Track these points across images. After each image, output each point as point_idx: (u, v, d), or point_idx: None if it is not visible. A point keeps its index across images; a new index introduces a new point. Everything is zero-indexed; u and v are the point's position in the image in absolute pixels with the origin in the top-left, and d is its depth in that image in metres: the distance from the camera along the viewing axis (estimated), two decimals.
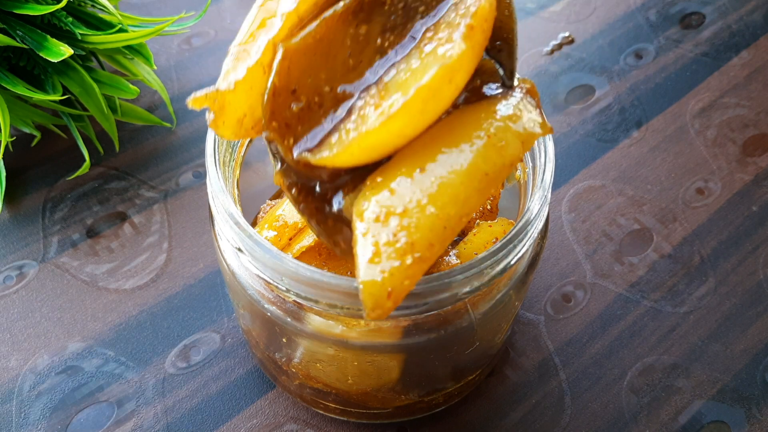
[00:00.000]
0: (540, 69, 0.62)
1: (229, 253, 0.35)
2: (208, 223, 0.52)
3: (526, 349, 0.47)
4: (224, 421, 0.44)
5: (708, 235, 0.53)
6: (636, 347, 0.47)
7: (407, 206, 0.26)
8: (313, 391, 0.41)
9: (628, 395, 0.45)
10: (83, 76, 0.49)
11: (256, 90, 0.28)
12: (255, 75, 0.28)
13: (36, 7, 0.46)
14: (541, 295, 0.49)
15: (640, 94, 0.61)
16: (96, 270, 0.50)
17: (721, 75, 0.62)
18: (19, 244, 0.51)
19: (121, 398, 0.44)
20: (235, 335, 0.47)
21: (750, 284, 0.50)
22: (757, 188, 0.55)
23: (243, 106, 0.29)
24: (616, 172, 0.56)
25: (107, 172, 0.54)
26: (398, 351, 0.36)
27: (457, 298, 0.32)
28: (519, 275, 0.36)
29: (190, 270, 0.50)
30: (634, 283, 0.50)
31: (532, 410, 0.45)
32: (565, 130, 0.58)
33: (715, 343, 0.48)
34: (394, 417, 0.43)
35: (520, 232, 0.32)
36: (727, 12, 0.67)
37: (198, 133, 0.57)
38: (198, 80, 0.60)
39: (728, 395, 0.46)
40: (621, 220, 0.53)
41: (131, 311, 0.48)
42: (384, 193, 0.26)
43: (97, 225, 0.52)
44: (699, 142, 0.58)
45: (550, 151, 0.35)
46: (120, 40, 0.49)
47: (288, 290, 0.32)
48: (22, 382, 0.45)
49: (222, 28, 0.63)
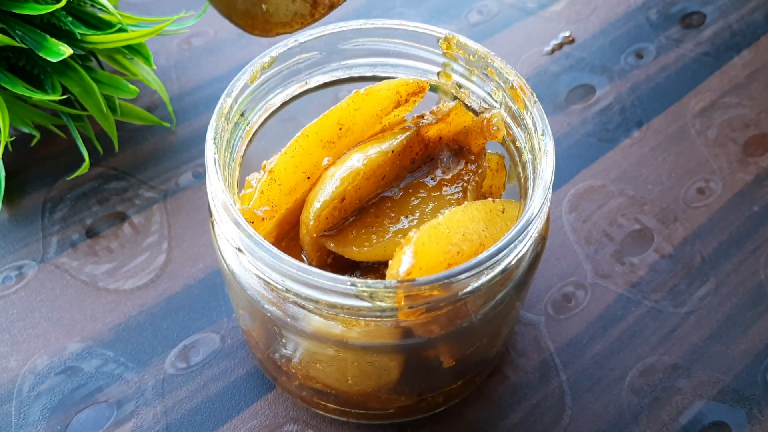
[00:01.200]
0: (540, 69, 0.62)
1: (228, 253, 0.35)
2: (207, 223, 0.51)
3: (527, 349, 0.47)
4: (224, 422, 0.44)
5: (709, 236, 0.52)
6: (637, 347, 0.47)
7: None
8: (312, 391, 0.41)
9: (628, 396, 0.45)
10: (83, 75, 0.49)
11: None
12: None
13: (35, 7, 0.46)
14: (542, 296, 0.49)
15: (641, 93, 0.61)
16: (95, 270, 0.50)
17: (722, 75, 0.62)
18: (19, 244, 0.51)
19: (120, 399, 0.44)
20: (234, 336, 0.47)
21: (751, 284, 0.50)
22: (758, 188, 0.55)
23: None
24: (616, 172, 0.56)
25: (107, 172, 0.54)
26: (398, 351, 0.36)
27: (457, 298, 0.32)
28: (519, 275, 0.36)
29: (189, 270, 0.50)
30: (634, 283, 0.50)
31: (532, 411, 0.45)
32: (566, 129, 0.58)
33: (716, 344, 0.48)
34: (394, 417, 0.43)
35: (520, 233, 0.32)
36: (727, 11, 0.67)
37: (198, 133, 0.57)
38: (197, 80, 0.60)
39: (729, 396, 0.46)
40: (622, 220, 0.53)
41: (131, 312, 0.48)
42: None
43: (97, 225, 0.52)
44: (700, 141, 0.58)
45: (550, 151, 0.34)
46: (119, 39, 0.49)
47: (288, 290, 0.32)
48: (21, 382, 0.45)
49: (222, 27, 0.63)
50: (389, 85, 0.39)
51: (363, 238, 0.36)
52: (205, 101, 0.59)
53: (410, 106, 0.40)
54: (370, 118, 0.38)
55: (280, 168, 0.36)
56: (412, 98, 0.39)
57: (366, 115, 0.38)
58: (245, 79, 0.37)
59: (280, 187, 0.36)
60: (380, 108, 0.38)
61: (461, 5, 0.66)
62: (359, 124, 0.38)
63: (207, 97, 0.59)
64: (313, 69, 0.40)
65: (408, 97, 0.39)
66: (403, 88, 0.39)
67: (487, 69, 0.38)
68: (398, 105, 0.39)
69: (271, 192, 0.36)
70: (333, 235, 0.36)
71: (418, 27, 0.39)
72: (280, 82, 0.39)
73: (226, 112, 0.36)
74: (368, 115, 0.38)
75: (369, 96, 0.38)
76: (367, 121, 0.38)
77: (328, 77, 0.41)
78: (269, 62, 0.38)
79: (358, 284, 0.30)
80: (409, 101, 0.39)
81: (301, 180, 0.37)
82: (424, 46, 0.40)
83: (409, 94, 0.39)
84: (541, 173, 0.34)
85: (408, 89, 0.39)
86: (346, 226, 0.37)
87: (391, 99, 0.39)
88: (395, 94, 0.39)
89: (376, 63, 0.41)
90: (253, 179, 0.38)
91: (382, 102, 0.38)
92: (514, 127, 0.38)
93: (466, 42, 0.38)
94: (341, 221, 0.37)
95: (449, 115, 0.39)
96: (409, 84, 0.39)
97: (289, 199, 0.36)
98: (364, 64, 0.41)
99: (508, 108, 0.38)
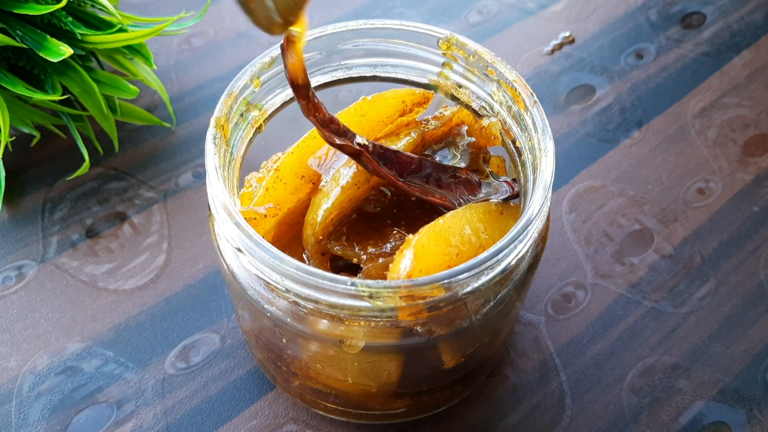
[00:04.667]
0: (540, 69, 0.62)
1: (228, 253, 0.35)
2: (207, 223, 0.51)
3: (527, 349, 0.47)
4: (224, 422, 0.44)
5: (709, 236, 0.52)
6: (637, 348, 0.47)
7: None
8: (312, 391, 0.41)
9: (628, 396, 0.45)
10: (83, 76, 0.49)
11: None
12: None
13: (36, 7, 0.46)
14: (542, 296, 0.49)
15: (641, 94, 0.61)
16: (95, 270, 0.50)
17: (722, 75, 0.62)
18: (19, 244, 0.51)
19: (120, 399, 0.44)
20: (234, 336, 0.47)
21: (751, 285, 0.50)
22: (758, 188, 0.55)
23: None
24: (616, 172, 0.56)
25: (107, 173, 0.54)
26: (398, 351, 0.36)
27: (457, 298, 0.32)
28: (519, 276, 0.36)
29: (189, 270, 0.50)
30: (634, 283, 0.50)
31: (532, 411, 0.45)
32: (566, 130, 0.58)
33: (716, 344, 0.48)
34: (394, 417, 0.43)
35: (520, 233, 0.32)
36: (727, 12, 0.67)
37: (197, 133, 0.57)
38: (197, 80, 0.60)
39: (729, 396, 0.46)
40: (621, 221, 0.53)
41: (131, 312, 0.48)
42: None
43: (97, 225, 0.52)
44: (700, 142, 0.58)
45: (550, 151, 0.34)
46: (120, 40, 0.49)
47: (288, 290, 0.32)
48: (21, 382, 0.45)
49: (222, 28, 0.63)
50: (395, 93, 0.40)
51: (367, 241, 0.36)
52: (205, 101, 0.59)
53: (414, 115, 0.41)
54: (376, 124, 0.39)
55: (286, 167, 0.37)
56: (416, 108, 0.40)
57: (372, 121, 0.39)
58: (245, 79, 0.37)
59: (285, 186, 0.36)
60: (386, 115, 0.39)
61: (461, 5, 0.67)
62: (365, 129, 0.39)
63: (207, 97, 0.59)
64: (313, 69, 0.40)
65: (413, 106, 0.40)
66: (409, 97, 0.40)
67: (487, 69, 0.38)
68: (403, 113, 0.40)
69: (276, 190, 0.36)
70: (337, 237, 0.36)
71: (418, 27, 0.39)
72: (280, 82, 0.39)
73: (226, 113, 0.36)
74: (374, 121, 0.39)
75: (375, 103, 0.39)
76: (373, 126, 0.39)
77: (328, 77, 0.41)
78: (269, 62, 0.38)
79: (358, 284, 0.30)
80: (413, 110, 0.40)
81: (306, 180, 0.37)
82: (424, 46, 0.40)
83: (414, 103, 0.40)
84: (541, 173, 0.34)
85: (413, 99, 0.40)
86: (350, 228, 0.37)
87: (397, 107, 0.40)
88: (401, 103, 0.40)
89: (376, 63, 0.41)
90: (253, 179, 0.38)
91: (389, 109, 0.39)
92: (514, 127, 0.38)
93: (466, 42, 0.38)
94: (346, 223, 0.37)
95: (452, 120, 0.40)
96: (415, 94, 0.40)
97: (293, 198, 0.37)
98: (364, 64, 0.41)
99: (508, 108, 0.38)
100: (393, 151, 0.37)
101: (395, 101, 0.39)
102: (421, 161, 0.37)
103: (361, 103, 0.39)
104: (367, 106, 0.39)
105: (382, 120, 0.39)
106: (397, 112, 0.40)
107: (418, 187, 0.37)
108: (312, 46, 0.39)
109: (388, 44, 0.40)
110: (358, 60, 0.41)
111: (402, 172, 0.37)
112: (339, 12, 0.65)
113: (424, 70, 0.41)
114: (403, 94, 0.40)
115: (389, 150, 0.37)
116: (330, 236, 0.36)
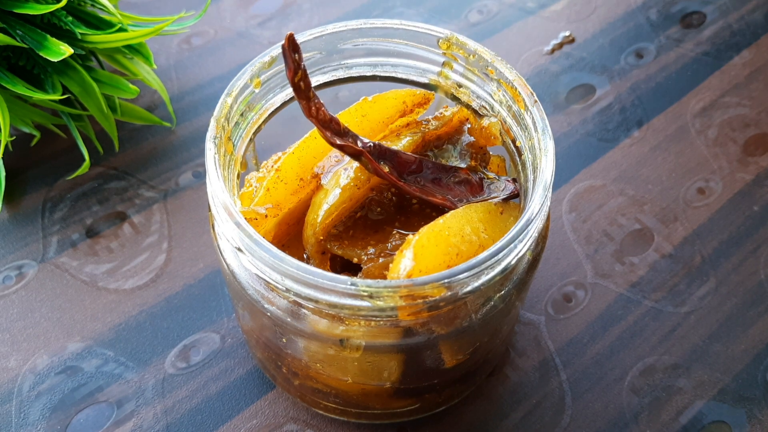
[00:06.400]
0: (540, 68, 0.62)
1: (229, 253, 0.35)
2: (207, 223, 0.51)
3: (527, 349, 0.47)
4: (224, 422, 0.44)
5: (709, 235, 0.52)
6: (637, 347, 0.47)
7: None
8: (313, 391, 0.41)
9: (628, 395, 0.45)
10: (83, 75, 0.49)
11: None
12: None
13: (36, 7, 0.46)
14: (542, 295, 0.49)
15: (641, 93, 0.61)
16: (95, 270, 0.50)
17: (722, 74, 0.62)
18: (19, 244, 0.51)
19: (120, 398, 0.44)
20: (234, 335, 0.47)
21: (751, 284, 0.50)
22: (758, 188, 0.55)
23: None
24: (616, 171, 0.56)
25: (107, 172, 0.54)
26: (398, 351, 0.36)
27: (457, 298, 0.32)
28: (519, 275, 0.36)
29: (189, 270, 0.50)
30: (634, 283, 0.50)
31: (532, 411, 0.45)
32: (566, 129, 0.58)
33: (716, 344, 0.48)
34: (394, 417, 0.43)
35: (520, 232, 0.32)
36: (728, 11, 0.67)
37: (198, 132, 0.57)
38: (198, 80, 0.60)
39: (729, 395, 0.46)
40: (622, 220, 0.53)
41: (131, 311, 0.48)
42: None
43: (97, 225, 0.52)
44: (700, 141, 0.58)
45: (550, 151, 0.34)
46: (120, 39, 0.49)
47: (288, 290, 0.32)
48: (21, 382, 0.45)
49: (222, 27, 0.63)
50: (396, 94, 0.40)
51: (367, 241, 0.36)
52: (205, 101, 0.59)
53: (414, 116, 0.41)
54: (377, 124, 0.39)
55: (287, 167, 0.37)
56: (417, 109, 0.40)
57: (373, 122, 0.39)
58: (245, 79, 0.37)
59: (285, 186, 0.36)
60: (387, 116, 0.39)
61: (461, 5, 0.66)
62: (366, 129, 0.39)
63: (207, 97, 0.59)
64: (313, 69, 0.40)
65: (413, 107, 0.40)
66: (410, 98, 0.40)
67: (487, 69, 0.38)
68: (404, 114, 0.40)
69: (276, 190, 0.36)
70: (338, 238, 0.36)
71: (418, 27, 0.39)
72: (280, 82, 0.39)
73: (226, 112, 0.36)
74: (375, 121, 0.39)
75: (376, 103, 0.39)
76: (373, 127, 0.39)
77: (328, 77, 0.41)
78: (269, 62, 0.38)
79: (358, 284, 0.30)
80: (414, 111, 0.40)
81: (306, 181, 0.37)
82: (424, 45, 0.40)
83: (414, 104, 0.40)
84: (541, 173, 0.34)
85: (414, 100, 0.40)
86: (351, 228, 0.37)
87: (398, 108, 0.40)
88: (402, 104, 0.40)
89: (376, 63, 0.41)
90: (253, 178, 0.38)
91: (389, 110, 0.40)
92: (514, 126, 0.38)
93: (466, 42, 0.38)
94: (347, 224, 0.37)
95: (452, 120, 0.40)
96: (416, 95, 0.40)
97: (293, 198, 0.37)
98: (364, 63, 0.41)
99: (508, 108, 0.38)
100: (393, 151, 0.37)
101: (396, 102, 0.40)
102: (422, 161, 0.37)
103: (362, 104, 0.39)
104: (368, 107, 0.39)
105: (383, 120, 0.39)
106: (397, 113, 0.40)
107: (419, 188, 0.37)
108: (312, 45, 0.39)
109: (388, 44, 0.40)
110: (358, 59, 0.41)
111: (402, 172, 0.37)
112: (339, 12, 0.65)
113: (424, 69, 0.41)
114: (403, 95, 0.40)
115: (390, 150, 0.37)
116: (330, 236, 0.36)
